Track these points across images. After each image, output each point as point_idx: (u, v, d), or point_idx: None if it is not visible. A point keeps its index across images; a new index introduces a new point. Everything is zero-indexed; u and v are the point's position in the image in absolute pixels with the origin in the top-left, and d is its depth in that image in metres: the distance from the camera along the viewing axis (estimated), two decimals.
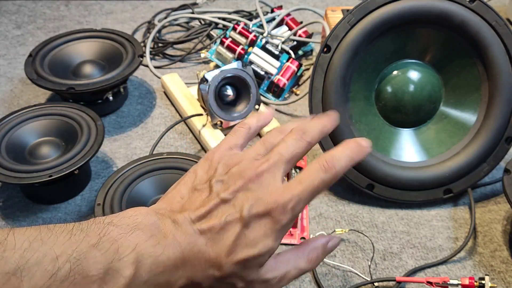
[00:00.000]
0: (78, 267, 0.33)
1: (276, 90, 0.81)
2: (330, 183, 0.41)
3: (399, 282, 0.55)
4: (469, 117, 0.65)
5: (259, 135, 0.75)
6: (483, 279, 0.53)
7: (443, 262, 0.58)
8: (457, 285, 0.53)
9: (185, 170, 0.60)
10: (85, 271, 0.34)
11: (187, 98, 0.78)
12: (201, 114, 0.74)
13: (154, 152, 0.69)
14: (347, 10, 0.64)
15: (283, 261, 0.42)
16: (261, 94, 0.81)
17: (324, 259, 0.58)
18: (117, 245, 0.35)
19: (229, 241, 0.39)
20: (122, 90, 0.78)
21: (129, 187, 0.59)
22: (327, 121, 0.45)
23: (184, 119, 0.76)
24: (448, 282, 0.53)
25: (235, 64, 0.72)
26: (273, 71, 0.81)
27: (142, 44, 0.92)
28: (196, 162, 0.61)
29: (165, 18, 0.98)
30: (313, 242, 0.44)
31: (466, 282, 0.53)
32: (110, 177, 0.60)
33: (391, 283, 0.56)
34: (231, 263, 0.39)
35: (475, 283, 0.53)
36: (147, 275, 0.36)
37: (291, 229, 0.61)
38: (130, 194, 0.59)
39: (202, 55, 0.88)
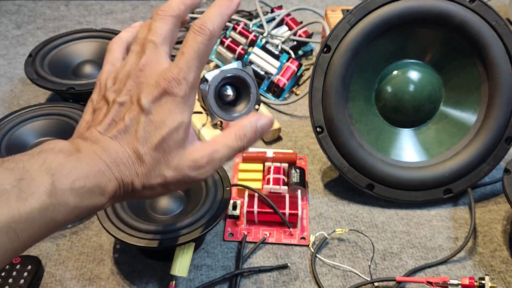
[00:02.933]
0: None
1: (276, 90, 0.81)
2: (209, 42, 0.41)
3: (399, 282, 0.55)
4: (469, 117, 0.65)
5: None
6: (483, 279, 0.53)
7: (443, 262, 0.58)
8: (457, 285, 0.53)
9: None
10: None
11: None
12: (200, 112, 0.74)
13: None
14: (347, 10, 0.64)
15: (210, 142, 0.43)
16: (261, 94, 0.81)
17: (324, 259, 0.58)
18: (24, 164, 0.35)
19: (139, 133, 0.39)
20: None
21: None
22: None
23: None
24: (448, 282, 0.53)
25: (235, 64, 0.72)
26: (273, 71, 0.81)
27: None
28: None
29: None
30: (241, 121, 0.44)
31: (466, 282, 0.53)
32: None
33: (391, 283, 0.56)
34: (149, 150, 0.39)
35: (475, 283, 0.53)
36: (69, 180, 0.36)
37: (291, 229, 0.61)
38: None
39: None
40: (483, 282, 0.53)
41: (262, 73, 0.81)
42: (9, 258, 0.34)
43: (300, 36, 0.89)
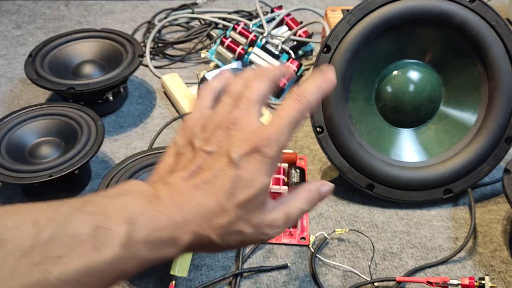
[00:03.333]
0: (63, 228, 0.32)
1: (276, 90, 0.81)
2: (305, 113, 0.42)
3: (399, 282, 0.55)
4: (469, 117, 0.65)
5: None
6: (483, 279, 0.53)
7: (443, 262, 0.58)
8: (457, 285, 0.53)
9: None
10: (71, 230, 0.32)
11: (187, 98, 0.78)
12: None
13: None
14: (347, 10, 0.64)
15: (282, 202, 0.42)
16: None
17: (324, 259, 0.58)
18: (104, 208, 0.34)
19: (226, 187, 0.38)
20: (122, 90, 0.78)
21: (130, 179, 0.59)
22: (285, 67, 0.45)
23: (183, 116, 0.76)
24: (448, 282, 0.53)
25: (235, 64, 0.72)
26: None
27: (142, 44, 0.92)
28: None
29: (165, 18, 0.98)
30: (307, 185, 0.44)
31: (466, 282, 0.53)
32: (112, 169, 0.60)
33: (391, 283, 0.56)
34: (233, 206, 0.39)
35: (475, 283, 0.53)
36: (145, 232, 0.35)
37: (291, 229, 0.61)
38: None
39: (202, 55, 0.88)
40: (483, 282, 0.53)
41: None
42: None
43: (300, 36, 0.89)
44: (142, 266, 0.36)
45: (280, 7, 0.94)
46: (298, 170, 0.65)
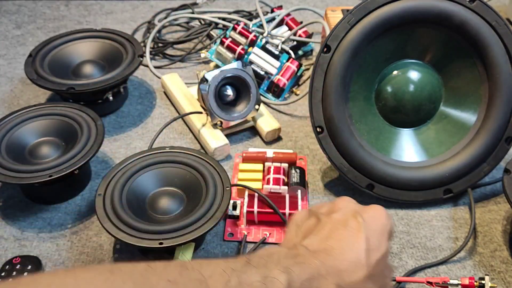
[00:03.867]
0: (242, 277, 0.39)
1: (276, 90, 0.81)
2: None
3: (399, 282, 0.55)
4: (469, 117, 0.65)
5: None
6: (483, 279, 0.53)
7: (443, 262, 0.58)
8: (457, 285, 0.53)
9: (187, 165, 0.61)
10: (248, 279, 0.39)
11: (187, 98, 0.78)
12: (200, 112, 0.74)
13: None
14: (347, 10, 0.64)
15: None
16: (261, 94, 0.81)
17: None
18: (264, 261, 0.41)
19: (361, 247, 0.43)
20: (122, 90, 0.78)
21: (130, 179, 0.59)
22: None
23: (183, 116, 0.76)
24: (448, 282, 0.53)
25: (235, 64, 0.72)
26: (273, 71, 0.81)
27: (142, 44, 0.92)
28: (198, 157, 0.62)
29: (165, 18, 0.98)
30: None
31: (466, 282, 0.53)
32: (112, 169, 0.60)
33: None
34: (368, 265, 0.43)
35: (475, 283, 0.53)
36: (299, 281, 0.40)
37: None
38: (131, 186, 0.59)
39: (202, 55, 0.88)
40: (483, 282, 0.53)
41: (262, 73, 0.81)
42: None
43: (300, 36, 0.89)
44: None
45: (280, 7, 0.94)
46: (298, 170, 0.65)
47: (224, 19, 0.94)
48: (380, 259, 0.44)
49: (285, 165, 0.67)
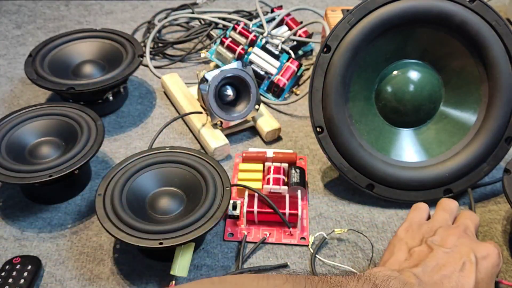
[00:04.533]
0: None
1: (276, 90, 0.81)
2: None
3: None
4: (469, 117, 0.65)
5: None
6: None
7: None
8: None
9: (187, 165, 0.61)
10: None
11: (187, 98, 0.78)
12: (200, 112, 0.74)
13: None
14: (347, 10, 0.64)
15: None
16: (261, 94, 0.81)
17: (324, 259, 0.58)
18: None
19: (472, 280, 0.46)
20: (122, 90, 0.78)
21: (130, 179, 0.59)
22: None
23: (183, 116, 0.76)
24: None
25: (235, 64, 0.72)
26: (273, 71, 0.81)
27: (142, 44, 0.92)
28: (198, 157, 0.62)
29: (165, 18, 0.98)
30: None
31: None
32: (112, 169, 0.60)
33: None
34: None
35: None
36: None
37: (291, 229, 0.61)
38: (131, 186, 0.59)
39: (202, 55, 0.88)
40: None
41: (262, 73, 0.81)
42: None
43: (300, 36, 0.89)
44: None
45: (280, 7, 0.94)
46: (298, 170, 0.65)
47: (224, 19, 0.94)
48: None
49: (285, 165, 0.67)
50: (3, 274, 0.55)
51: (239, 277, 0.43)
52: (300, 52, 0.90)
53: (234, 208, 0.63)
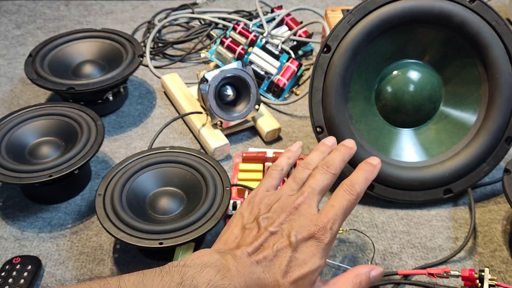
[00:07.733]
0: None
1: (276, 90, 0.81)
2: (355, 202, 0.49)
3: (398, 284, 0.55)
4: (469, 117, 0.65)
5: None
6: (483, 271, 0.53)
7: (443, 262, 0.58)
8: (457, 276, 0.53)
9: (187, 165, 0.61)
10: None
11: (187, 98, 0.78)
12: (200, 112, 0.74)
13: None
14: (347, 10, 0.64)
15: (331, 284, 0.48)
16: (261, 94, 0.81)
17: None
18: (196, 282, 0.42)
19: (283, 265, 0.45)
20: (122, 90, 0.78)
21: (130, 179, 0.59)
22: (346, 151, 0.54)
23: (183, 116, 0.76)
24: (449, 273, 0.53)
25: (235, 64, 0.72)
26: (273, 71, 0.81)
27: (142, 44, 0.92)
28: (198, 157, 0.62)
29: (165, 18, 0.98)
30: (357, 269, 0.49)
31: (466, 274, 0.53)
32: (112, 169, 0.60)
33: (393, 279, 0.56)
34: (287, 283, 0.45)
35: (475, 275, 0.53)
36: None
37: None
38: (131, 186, 0.59)
39: (202, 55, 0.88)
40: (483, 274, 0.53)
41: (262, 73, 0.81)
42: None
43: (300, 36, 0.89)
44: None
45: (280, 7, 0.94)
46: None
47: (224, 19, 0.94)
48: (303, 276, 0.45)
49: None
50: (3, 274, 0.55)
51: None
52: (300, 52, 0.90)
53: (234, 208, 0.63)
